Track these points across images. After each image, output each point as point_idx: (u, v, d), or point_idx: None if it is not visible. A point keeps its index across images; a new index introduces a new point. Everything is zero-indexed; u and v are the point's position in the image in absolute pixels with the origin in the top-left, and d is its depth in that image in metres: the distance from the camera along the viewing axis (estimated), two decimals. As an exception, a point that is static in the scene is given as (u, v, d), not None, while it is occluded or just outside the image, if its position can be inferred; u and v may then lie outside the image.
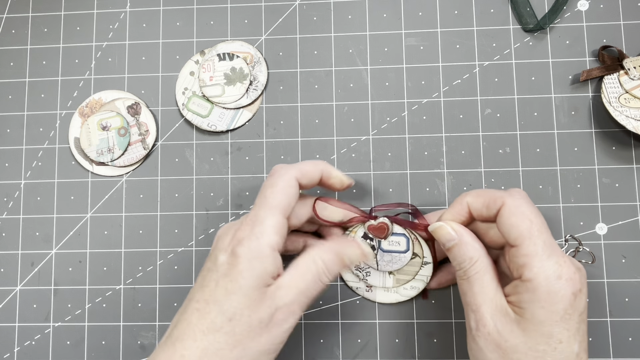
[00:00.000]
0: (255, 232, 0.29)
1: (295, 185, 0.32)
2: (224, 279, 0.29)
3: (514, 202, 0.30)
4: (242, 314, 0.28)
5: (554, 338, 0.27)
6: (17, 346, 0.40)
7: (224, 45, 0.42)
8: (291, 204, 0.31)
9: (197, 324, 0.28)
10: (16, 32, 0.43)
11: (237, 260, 0.29)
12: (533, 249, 0.28)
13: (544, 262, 0.28)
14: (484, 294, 0.29)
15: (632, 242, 0.38)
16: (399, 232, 0.37)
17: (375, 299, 0.38)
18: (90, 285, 0.40)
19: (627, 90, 0.38)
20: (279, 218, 0.30)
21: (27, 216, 0.41)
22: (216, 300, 0.28)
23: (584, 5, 0.41)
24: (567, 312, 0.27)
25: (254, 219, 0.30)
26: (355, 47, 0.41)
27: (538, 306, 0.27)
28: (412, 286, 0.38)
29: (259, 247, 0.29)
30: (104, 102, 0.42)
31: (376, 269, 0.37)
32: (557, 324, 0.27)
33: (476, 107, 0.40)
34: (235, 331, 0.28)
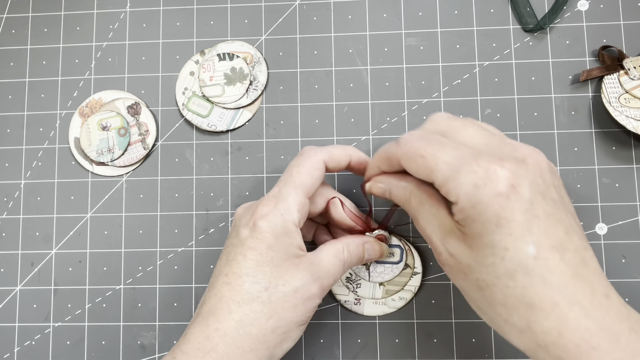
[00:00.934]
0: (279, 207, 0.30)
1: (322, 168, 0.32)
2: (252, 251, 0.29)
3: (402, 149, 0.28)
4: (277, 283, 0.28)
5: (497, 247, 0.24)
6: (17, 346, 0.40)
7: (224, 45, 0.42)
8: (315, 185, 0.31)
9: (230, 296, 0.28)
10: (16, 32, 0.43)
11: (261, 234, 0.29)
12: (440, 175, 0.26)
13: (455, 180, 0.25)
14: (429, 223, 0.28)
15: (632, 242, 0.38)
16: (394, 244, 0.38)
17: (363, 312, 0.38)
18: (90, 285, 0.40)
19: (627, 90, 0.38)
20: (301, 197, 0.30)
21: (27, 216, 0.41)
22: (248, 272, 0.28)
23: (584, 5, 0.41)
24: (501, 216, 0.24)
25: (277, 195, 0.30)
26: (355, 47, 0.41)
27: (471, 221, 0.25)
28: (400, 297, 0.38)
29: (283, 223, 0.29)
30: (104, 102, 0.42)
31: (367, 280, 0.38)
32: (494, 233, 0.24)
33: (476, 107, 0.40)
34: (272, 299, 0.28)
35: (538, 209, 0.25)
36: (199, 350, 0.28)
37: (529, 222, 0.24)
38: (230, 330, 0.28)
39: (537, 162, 0.26)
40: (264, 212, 0.30)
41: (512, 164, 0.25)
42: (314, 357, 0.39)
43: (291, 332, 0.29)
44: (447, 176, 0.25)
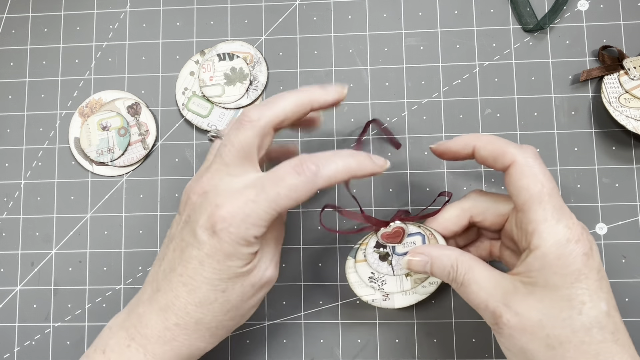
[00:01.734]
0: (247, 221, 0.27)
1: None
2: (210, 259, 0.27)
3: (526, 161, 0.28)
4: (235, 284, 0.28)
5: (574, 301, 0.25)
6: (17, 346, 0.40)
7: (224, 45, 0.42)
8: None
9: (187, 297, 0.28)
10: (16, 32, 0.43)
11: (221, 245, 0.27)
12: (542, 214, 0.26)
13: (553, 227, 0.26)
14: (483, 288, 0.28)
15: (632, 242, 0.38)
16: (413, 232, 0.35)
17: (394, 306, 0.35)
18: (90, 285, 0.40)
19: (627, 90, 0.38)
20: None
21: (27, 216, 0.41)
22: (205, 278, 0.28)
23: (584, 5, 0.41)
24: (582, 272, 0.26)
25: (251, 207, 0.27)
26: (355, 47, 0.41)
27: (550, 272, 0.26)
28: (430, 282, 0.35)
29: (246, 237, 0.27)
30: (104, 102, 0.42)
31: (392, 274, 0.35)
32: (573, 286, 0.25)
33: (476, 107, 0.40)
34: (230, 299, 0.28)
35: (603, 272, 0.27)
36: (160, 338, 0.29)
37: (599, 282, 0.26)
38: (190, 325, 0.29)
39: (586, 242, 0.27)
40: (228, 221, 0.27)
41: (585, 229, 0.27)
42: (313, 357, 0.39)
43: (247, 314, 0.30)
44: (548, 219, 0.27)
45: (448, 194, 0.35)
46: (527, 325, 0.26)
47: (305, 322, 0.39)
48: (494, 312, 0.27)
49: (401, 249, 0.35)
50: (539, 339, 0.26)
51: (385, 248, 0.35)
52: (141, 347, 0.29)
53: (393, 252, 0.35)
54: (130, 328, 0.29)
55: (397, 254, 0.35)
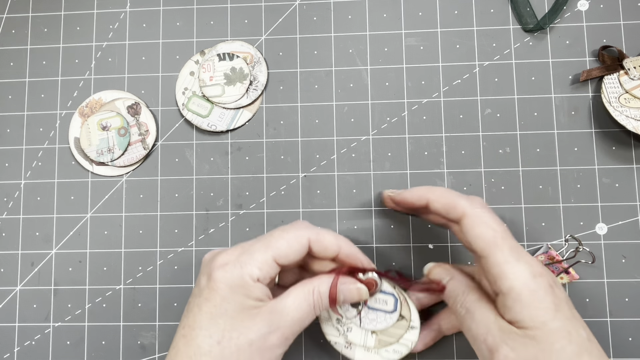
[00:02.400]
0: (240, 259, 0.29)
1: (304, 244, 0.31)
2: (207, 303, 0.28)
3: (475, 212, 0.30)
4: (231, 336, 0.28)
5: (562, 331, 0.27)
6: (17, 346, 0.40)
7: (224, 45, 0.42)
8: (289, 257, 0.30)
9: (184, 350, 0.28)
10: (16, 32, 0.43)
11: (216, 285, 0.28)
12: (501, 256, 0.29)
13: (515, 267, 0.28)
14: (487, 320, 0.29)
15: (632, 242, 0.38)
16: (387, 291, 0.35)
17: (354, 357, 0.35)
18: (90, 285, 0.40)
19: (627, 90, 0.38)
20: (269, 258, 0.29)
21: (27, 216, 0.41)
22: (201, 325, 0.28)
23: (584, 5, 0.41)
24: (555, 303, 0.28)
25: (245, 247, 0.30)
26: (355, 47, 0.41)
27: (532, 308, 0.27)
28: (394, 350, 0.35)
29: (241, 275, 0.28)
30: (104, 102, 0.42)
31: (358, 325, 0.35)
32: (556, 318, 0.27)
33: (476, 107, 0.40)
34: (224, 354, 0.27)
35: (569, 300, 0.29)
36: None
37: (571, 310, 0.28)
38: None
39: (549, 275, 0.29)
40: (223, 261, 0.29)
41: (542, 264, 0.29)
42: (313, 357, 0.39)
43: None
44: (508, 260, 0.28)
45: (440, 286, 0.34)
46: None
47: (305, 322, 0.39)
48: (491, 347, 0.28)
49: (373, 302, 0.35)
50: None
51: None
52: None
53: (364, 303, 0.35)
54: None
55: (368, 307, 0.35)
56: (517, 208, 0.39)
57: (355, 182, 0.40)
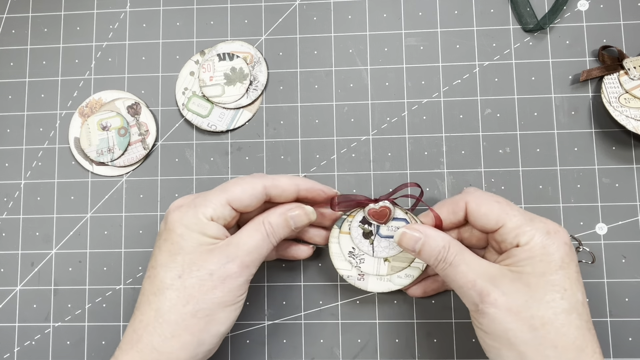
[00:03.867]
0: (195, 201, 0.31)
1: (259, 191, 0.32)
2: (165, 243, 0.30)
3: (474, 195, 0.31)
4: (190, 269, 0.29)
5: (558, 286, 0.28)
6: (17, 346, 0.40)
7: (224, 45, 0.42)
8: (243, 201, 0.32)
9: (149, 289, 0.30)
10: (16, 32, 0.43)
11: (173, 225, 0.30)
12: (515, 220, 0.29)
13: (530, 226, 0.29)
14: (473, 268, 0.29)
15: (632, 242, 0.38)
16: (399, 217, 0.36)
17: (367, 288, 0.36)
18: (90, 285, 0.40)
19: (627, 90, 0.38)
20: (222, 201, 0.31)
21: (27, 216, 0.41)
22: (162, 264, 0.30)
23: (584, 5, 0.41)
24: (564, 260, 0.28)
25: (201, 193, 0.32)
26: (355, 47, 0.41)
27: (536, 260, 0.28)
28: (406, 274, 0.36)
29: (195, 214, 0.30)
30: (104, 102, 0.42)
31: (372, 255, 0.36)
32: (557, 273, 0.28)
33: (476, 107, 0.40)
34: (186, 285, 0.29)
35: (578, 266, 0.29)
36: (129, 343, 0.29)
37: (577, 274, 0.29)
38: (150, 320, 0.29)
39: (565, 233, 0.30)
40: (178, 203, 0.31)
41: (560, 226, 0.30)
42: (313, 357, 0.39)
43: (216, 314, 0.30)
44: (523, 222, 0.29)
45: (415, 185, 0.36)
46: (513, 305, 0.27)
47: (305, 322, 0.39)
48: (482, 291, 0.28)
49: (385, 230, 0.36)
50: (523, 319, 0.27)
51: (370, 225, 0.36)
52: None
53: (377, 232, 0.36)
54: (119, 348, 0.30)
55: (381, 236, 0.36)
56: (517, 208, 0.39)
57: (355, 182, 0.40)
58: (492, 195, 0.32)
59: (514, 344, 0.27)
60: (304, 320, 0.39)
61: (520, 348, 0.27)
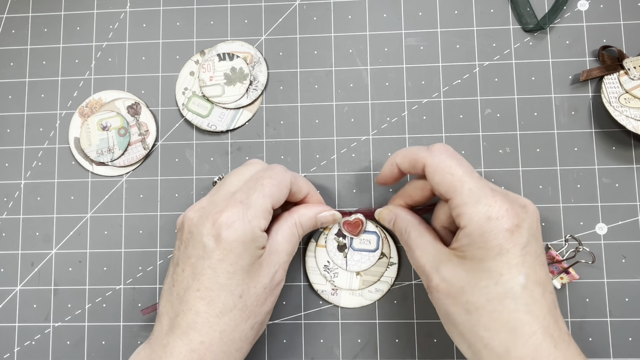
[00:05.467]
0: (247, 214, 0.30)
1: (289, 187, 0.33)
2: (222, 264, 0.29)
3: (434, 159, 0.31)
4: (249, 287, 0.30)
5: (493, 272, 0.28)
6: (17, 346, 0.40)
7: (224, 45, 0.42)
8: (281, 201, 0.32)
9: (207, 310, 0.29)
10: (16, 32, 0.43)
11: (230, 245, 0.29)
12: (460, 199, 0.29)
13: (473, 207, 0.29)
14: (425, 254, 0.31)
15: (632, 242, 0.38)
16: (370, 230, 0.38)
17: (340, 303, 0.38)
18: (90, 285, 0.40)
19: (627, 90, 0.38)
20: (269, 206, 0.31)
21: (27, 216, 0.41)
22: (221, 286, 0.29)
23: (584, 5, 0.41)
24: (503, 247, 0.28)
25: (245, 201, 0.30)
26: (355, 47, 0.41)
27: (475, 247, 0.28)
28: (376, 289, 0.38)
29: (251, 230, 0.30)
30: (104, 102, 0.42)
31: (345, 269, 0.38)
32: (494, 259, 0.28)
33: (476, 107, 0.40)
34: (247, 304, 0.30)
35: (531, 248, 0.29)
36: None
37: (523, 257, 0.28)
38: (215, 340, 0.29)
39: (534, 211, 0.30)
40: (230, 220, 0.29)
41: (518, 207, 0.29)
42: (313, 357, 0.39)
43: (265, 321, 0.32)
44: (467, 202, 0.29)
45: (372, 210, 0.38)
46: (451, 291, 0.29)
47: (305, 322, 0.39)
48: (428, 276, 0.30)
49: (358, 244, 0.38)
50: (460, 303, 0.29)
51: (344, 238, 0.38)
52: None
53: (350, 246, 0.38)
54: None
55: (353, 249, 0.38)
56: (517, 208, 0.39)
57: (355, 182, 0.40)
58: (452, 161, 0.30)
59: (455, 325, 0.29)
60: (304, 320, 0.39)
61: (459, 328, 0.29)
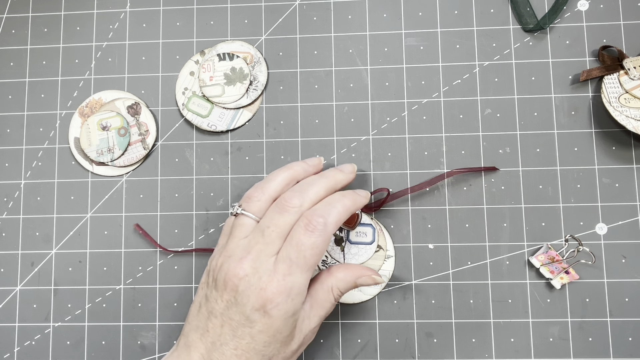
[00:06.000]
0: (291, 295, 0.31)
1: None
2: (261, 334, 0.31)
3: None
4: (279, 352, 0.32)
5: None
6: (17, 346, 0.40)
7: (224, 45, 0.42)
8: None
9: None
10: (16, 32, 0.43)
11: (272, 322, 0.30)
12: None
13: None
14: None
15: (632, 242, 0.38)
16: (365, 223, 0.38)
17: None
18: (90, 285, 0.40)
19: (627, 90, 0.38)
20: (310, 277, 0.32)
21: (27, 216, 0.41)
22: (256, 350, 0.31)
23: (584, 5, 0.41)
24: None
25: (289, 278, 0.31)
26: (355, 47, 0.41)
27: None
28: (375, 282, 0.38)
29: (294, 308, 0.31)
30: (104, 102, 0.42)
31: (342, 262, 0.38)
32: None
33: (476, 107, 0.40)
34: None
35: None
36: None
37: None
38: None
39: None
40: (275, 299, 0.30)
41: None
42: (314, 357, 0.39)
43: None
44: None
45: (386, 190, 0.38)
46: None
47: (305, 322, 0.39)
48: None
49: (354, 237, 0.38)
50: None
51: (341, 232, 0.38)
52: None
53: (347, 238, 0.38)
54: None
55: (350, 242, 0.38)
56: (517, 208, 0.39)
57: (355, 182, 0.40)
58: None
59: None
60: (304, 320, 0.39)
61: None
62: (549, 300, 0.38)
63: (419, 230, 0.39)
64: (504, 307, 0.38)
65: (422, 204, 0.39)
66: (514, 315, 0.38)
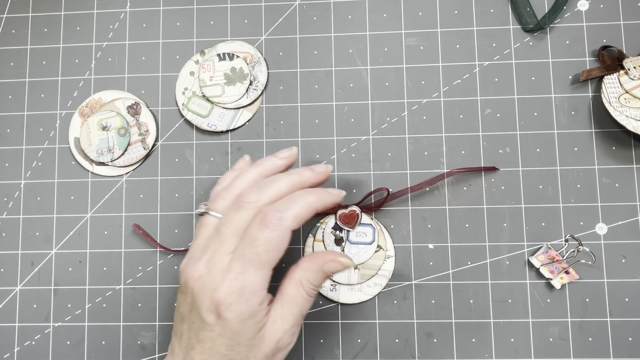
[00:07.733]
0: (244, 294, 0.29)
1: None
2: (221, 338, 0.29)
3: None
4: (247, 356, 0.29)
5: None
6: (17, 346, 0.40)
7: (224, 45, 0.42)
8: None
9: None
10: (16, 32, 0.43)
11: (228, 324, 0.29)
12: None
13: None
14: None
15: (632, 242, 0.38)
16: (365, 223, 0.38)
17: (339, 299, 0.38)
18: (90, 285, 0.40)
19: (627, 90, 0.38)
20: (267, 275, 0.29)
21: (27, 216, 0.41)
22: (222, 355, 0.29)
23: (584, 5, 0.41)
24: None
25: (242, 277, 0.29)
26: (355, 47, 0.41)
27: None
28: (375, 282, 0.38)
29: (249, 309, 0.29)
30: (104, 102, 0.42)
31: None
32: None
33: (476, 107, 0.40)
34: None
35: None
36: None
37: None
38: None
39: None
40: (227, 301, 0.29)
41: None
42: (313, 357, 0.39)
43: None
44: None
45: (386, 190, 0.38)
46: None
47: (305, 322, 0.39)
48: None
49: (354, 237, 0.38)
50: None
51: (341, 232, 0.38)
52: None
53: (347, 239, 0.38)
54: None
55: (350, 242, 0.38)
56: (517, 208, 0.39)
57: (355, 182, 0.40)
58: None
59: None
60: (303, 320, 0.39)
61: None
62: (549, 300, 0.38)
63: (419, 230, 0.39)
64: (504, 307, 0.38)
65: (422, 204, 0.39)
66: (514, 315, 0.38)
